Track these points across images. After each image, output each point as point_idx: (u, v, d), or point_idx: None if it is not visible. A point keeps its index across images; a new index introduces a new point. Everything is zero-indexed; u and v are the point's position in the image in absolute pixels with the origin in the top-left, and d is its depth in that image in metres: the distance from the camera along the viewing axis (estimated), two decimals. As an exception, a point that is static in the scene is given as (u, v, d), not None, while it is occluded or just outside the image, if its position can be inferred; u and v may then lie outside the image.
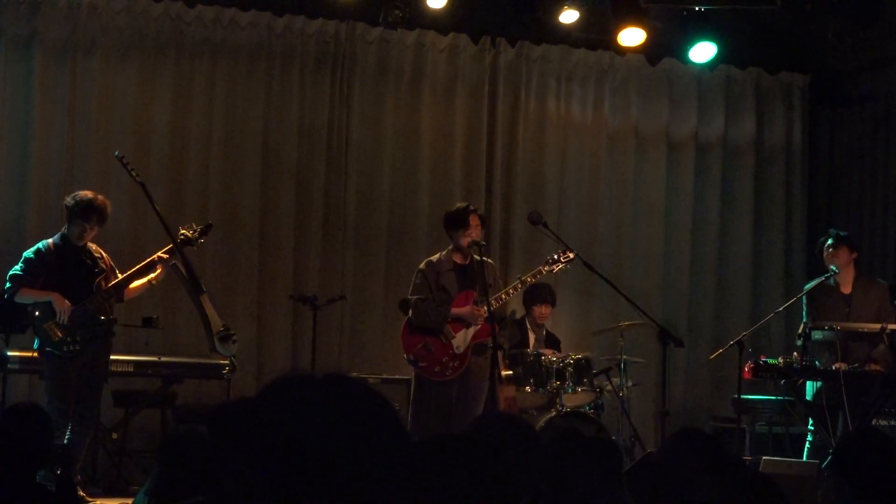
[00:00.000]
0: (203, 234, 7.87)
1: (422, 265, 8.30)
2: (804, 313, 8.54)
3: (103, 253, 7.87)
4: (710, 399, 10.85)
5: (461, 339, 8.12)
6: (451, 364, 8.11)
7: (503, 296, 8.33)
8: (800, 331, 8.19)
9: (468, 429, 3.49)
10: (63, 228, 7.74)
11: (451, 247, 8.27)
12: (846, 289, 8.45)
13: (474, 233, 8.09)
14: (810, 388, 8.34)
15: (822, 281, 8.46)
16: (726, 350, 8.46)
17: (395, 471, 1.67)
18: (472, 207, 8.25)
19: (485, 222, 8.47)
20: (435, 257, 8.30)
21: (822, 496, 7.18)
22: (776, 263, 11.57)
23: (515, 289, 8.52)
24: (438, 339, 8.13)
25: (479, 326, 8.12)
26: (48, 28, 9.67)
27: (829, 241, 8.48)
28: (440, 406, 8.05)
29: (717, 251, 11.49)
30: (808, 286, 8.62)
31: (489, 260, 8.42)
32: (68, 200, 7.70)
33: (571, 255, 8.40)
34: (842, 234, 8.59)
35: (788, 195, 11.68)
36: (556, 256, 8.48)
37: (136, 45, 9.91)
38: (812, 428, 8.39)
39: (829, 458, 7.48)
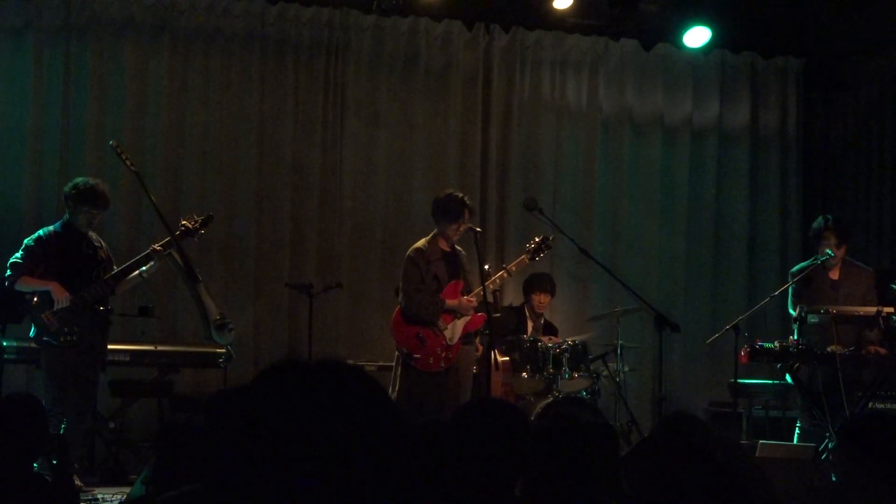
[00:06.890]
0: (204, 225, 7.86)
1: (411, 253, 8.25)
2: (790, 296, 8.50)
3: (102, 242, 7.87)
4: (706, 383, 10.85)
5: (452, 330, 8.14)
6: (444, 355, 8.13)
7: (489, 285, 8.32)
8: (795, 315, 8.17)
9: (456, 414, 3.49)
10: (64, 216, 7.72)
11: (435, 232, 8.25)
12: (834, 274, 8.44)
13: (464, 227, 8.09)
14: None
15: (811, 264, 8.44)
16: (722, 334, 8.45)
17: (391, 456, 1.67)
18: (466, 201, 8.21)
19: (473, 212, 8.45)
20: (422, 244, 8.26)
21: (819, 481, 7.18)
22: (772, 247, 11.58)
23: (501, 278, 8.48)
24: (432, 330, 8.13)
25: (470, 317, 8.16)
26: (42, 17, 9.66)
27: (825, 226, 8.43)
28: (434, 397, 8.05)
29: (712, 236, 11.49)
30: (795, 269, 8.60)
31: (459, 248, 8.39)
32: (69, 189, 7.66)
33: (550, 239, 8.40)
34: (840, 220, 8.51)
35: (784, 179, 11.68)
36: (536, 241, 8.45)
37: (129, 33, 9.90)
38: (806, 412, 8.34)
39: (831, 441, 7.51)
